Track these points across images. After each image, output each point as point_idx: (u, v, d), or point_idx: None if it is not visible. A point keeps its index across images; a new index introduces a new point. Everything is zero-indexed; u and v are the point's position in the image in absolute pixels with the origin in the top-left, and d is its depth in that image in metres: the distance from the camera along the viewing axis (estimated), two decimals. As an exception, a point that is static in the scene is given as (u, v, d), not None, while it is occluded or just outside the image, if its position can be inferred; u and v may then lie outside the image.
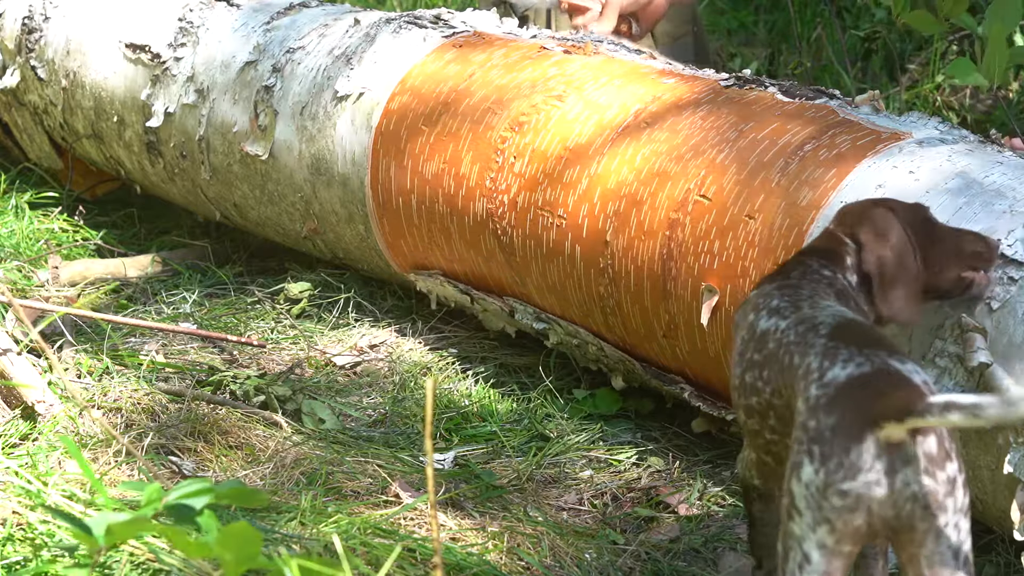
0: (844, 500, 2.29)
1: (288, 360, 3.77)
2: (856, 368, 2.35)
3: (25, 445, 3.18)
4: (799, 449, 2.33)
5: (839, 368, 2.37)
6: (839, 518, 2.29)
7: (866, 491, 2.28)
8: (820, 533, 2.31)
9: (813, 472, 2.30)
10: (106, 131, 4.39)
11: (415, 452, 3.36)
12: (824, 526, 2.30)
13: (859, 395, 2.32)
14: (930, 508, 2.29)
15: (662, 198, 3.28)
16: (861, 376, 2.34)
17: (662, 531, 3.15)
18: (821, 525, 2.30)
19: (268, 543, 2.84)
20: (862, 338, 2.43)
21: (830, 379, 2.36)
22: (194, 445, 3.28)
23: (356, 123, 3.81)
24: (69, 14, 4.45)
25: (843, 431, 2.30)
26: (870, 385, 2.33)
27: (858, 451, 2.28)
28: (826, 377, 2.37)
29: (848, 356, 2.38)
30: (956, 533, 2.31)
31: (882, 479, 2.28)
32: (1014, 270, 2.82)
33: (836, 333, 2.44)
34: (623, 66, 3.60)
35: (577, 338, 3.53)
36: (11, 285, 4.10)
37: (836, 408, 2.33)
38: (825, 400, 2.34)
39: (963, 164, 3.03)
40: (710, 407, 3.33)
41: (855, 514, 2.29)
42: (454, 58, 3.75)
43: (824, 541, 2.31)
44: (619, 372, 3.52)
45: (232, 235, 4.43)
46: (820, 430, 2.32)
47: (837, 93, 3.36)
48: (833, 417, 2.32)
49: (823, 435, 2.31)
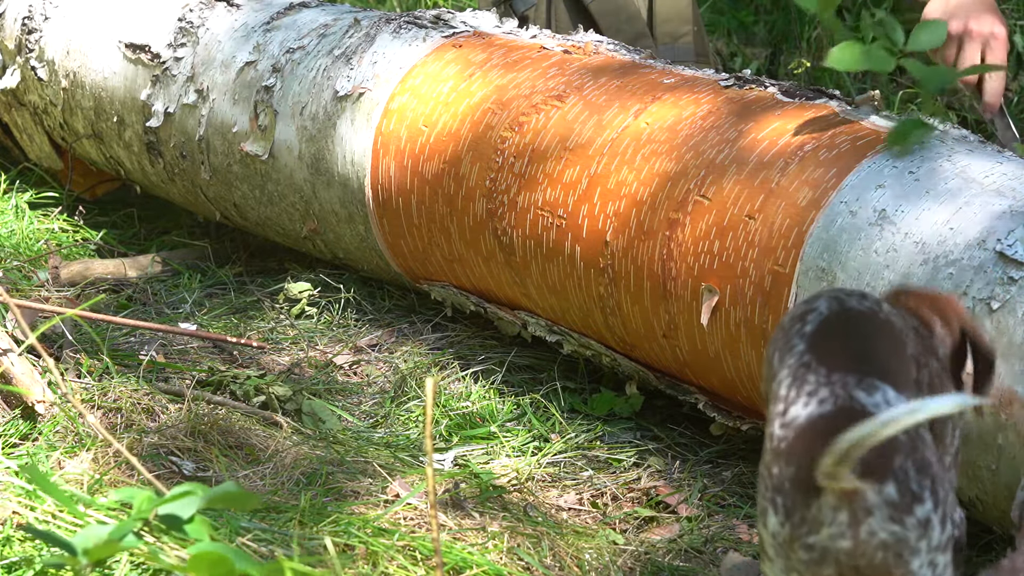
0: (810, 554, 2.21)
1: (288, 360, 3.77)
2: (817, 406, 2.23)
3: (25, 445, 3.18)
4: (764, 494, 2.26)
5: (801, 405, 2.25)
6: (808, 570, 2.22)
7: (831, 543, 2.20)
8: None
9: (778, 524, 2.23)
10: (106, 131, 4.39)
11: (415, 452, 3.36)
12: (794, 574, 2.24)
13: (817, 443, 2.19)
14: (903, 555, 2.20)
15: (662, 198, 3.28)
16: (821, 418, 2.22)
17: (662, 531, 3.15)
18: (792, 573, 2.24)
19: (268, 543, 2.84)
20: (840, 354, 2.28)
21: (791, 419, 2.25)
22: (194, 445, 3.28)
23: (356, 123, 3.81)
24: (69, 14, 4.45)
25: (801, 483, 2.20)
26: (829, 430, 2.18)
27: (817, 505, 2.19)
28: (788, 414, 2.26)
29: (814, 386, 2.25)
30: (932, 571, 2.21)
31: (845, 531, 2.19)
32: (1014, 270, 2.82)
33: (815, 340, 2.31)
34: (623, 66, 3.60)
35: (590, 349, 3.53)
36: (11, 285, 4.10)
37: (794, 458, 2.22)
38: (785, 446, 2.24)
39: (963, 164, 3.03)
40: (725, 417, 3.33)
41: (823, 566, 2.21)
42: (454, 58, 3.75)
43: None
44: (634, 380, 3.53)
45: (232, 235, 4.43)
46: (781, 480, 2.23)
47: (837, 93, 3.36)
48: (791, 468, 2.22)
49: (784, 487, 2.23)
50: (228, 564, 2.16)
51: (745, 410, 3.31)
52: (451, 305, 3.84)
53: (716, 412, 3.34)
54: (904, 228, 2.97)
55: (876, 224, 2.99)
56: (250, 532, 2.84)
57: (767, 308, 3.10)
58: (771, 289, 3.09)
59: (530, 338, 3.65)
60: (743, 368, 3.18)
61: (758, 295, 3.11)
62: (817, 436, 2.20)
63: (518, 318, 3.66)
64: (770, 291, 3.09)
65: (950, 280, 2.87)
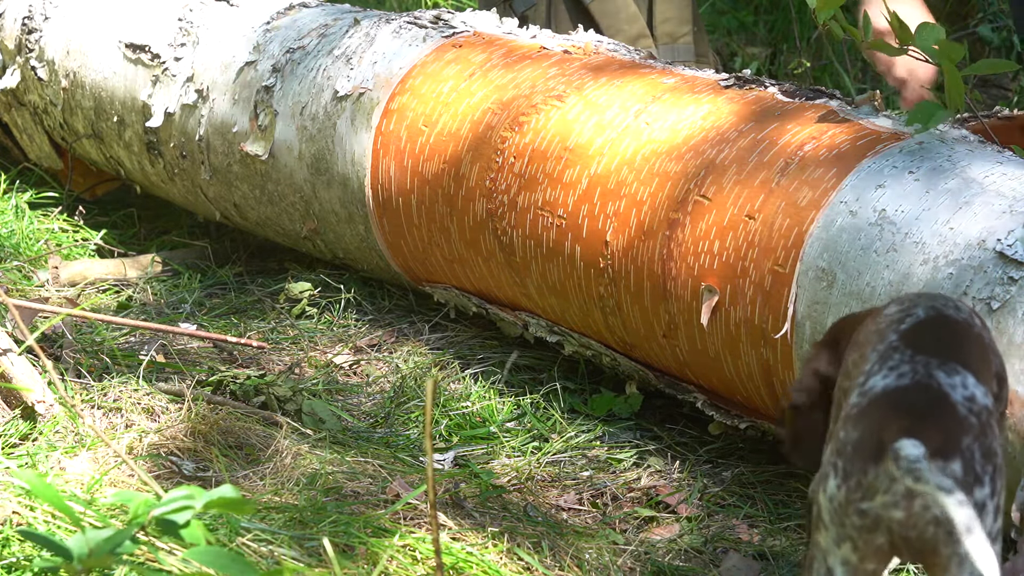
0: (863, 520, 2.22)
1: (288, 360, 3.77)
2: (896, 379, 2.28)
3: (25, 445, 3.18)
4: (828, 460, 2.28)
5: (881, 377, 2.30)
6: (860, 537, 2.23)
7: (884, 512, 2.21)
8: (844, 550, 2.25)
9: (836, 487, 2.24)
10: (106, 131, 4.39)
11: (415, 452, 3.36)
12: (847, 543, 2.24)
13: (886, 411, 2.25)
14: (954, 533, 2.17)
15: (662, 198, 3.28)
16: (896, 390, 2.27)
17: (662, 531, 3.15)
18: (845, 542, 2.24)
19: (268, 543, 2.84)
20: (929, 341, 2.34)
21: (868, 388, 2.30)
22: (194, 445, 3.28)
23: (356, 123, 3.81)
24: (69, 14, 4.45)
25: (863, 448, 2.23)
26: (901, 402, 2.26)
27: (875, 471, 2.21)
28: (867, 384, 2.30)
29: (897, 363, 2.30)
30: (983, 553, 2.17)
31: (900, 501, 2.20)
32: (1014, 270, 2.82)
33: (908, 333, 2.36)
34: (623, 66, 3.60)
35: (591, 349, 3.53)
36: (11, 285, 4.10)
37: (862, 422, 2.26)
38: (856, 411, 2.28)
39: (963, 164, 3.03)
40: (724, 416, 3.33)
41: (875, 534, 2.22)
42: (454, 58, 3.75)
43: (848, 558, 2.25)
44: (634, 380, 3.53)
45: (232, 235, 4.43)
46: (844, 443, 2.26)
47: (837, 93, 3.36)
48: (857, 432, 2.25)
49: (846, 449, 2.25)
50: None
51: (744, 409, 3.31)
52: (454, 307, 3.84)
53: (715, 411, 3.34)
54: (904, 228, 2.97)
55: (876, 224, 2.99)
56: (250, 532, 2.84)
57: (767, 308, 3.10)
58: (771, 289, 3.09)
59: (532, 339, 3.65)
60: (743, 368, 3.18)
61: (758, 295, 3.11)
62: (889, 405, 2.25)
63: (519, 319, 3.66)
64: (770, 291, 3.09)
65: (950, 280, 2.87)
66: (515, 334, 3.71)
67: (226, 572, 2.29)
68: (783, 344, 3.07)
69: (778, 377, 3.12)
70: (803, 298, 3.04)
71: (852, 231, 3.01)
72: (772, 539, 3.11)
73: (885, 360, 2.32)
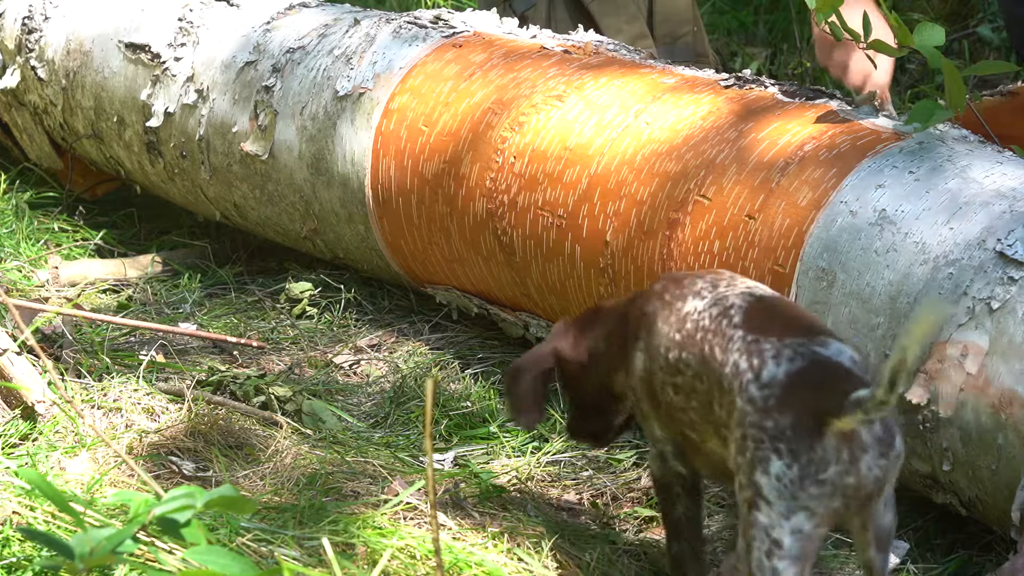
0: (822, 488, 2.43)
1: (288, 360, 3.77)
2: (790, 364, 2.50)
3: (25, 445, 3.18)
4: (761, 446, 2.46)
5: (773, 367, 2.50)
6: (819, 504, 2.44)
7: (839, 479, 2.44)
8: (796, 520, 2.44)
9: (785, 467, 2.44)
10: (106, 131, 4.39)
11: (415, 452, 3.36)
12: (802, 513, 2.44)
13: (804, 393, 2.47)
14: (882, 483, 2.49)
15: (662, 198, 3.28)
16: (799, 372, 2.49)
17: (662, 531, 3.14)
18: (797, 513, 2.44)
19: (267, 543, 2.84)
20: (777, 325, 2.57)
21: (769, 379, 2.50)
22: (194, 445, 3.28)
23: (356, 123, 3.81)
24: (69, 14, 4.45)
25: (802, 429, 2.44)
26: (810, 381, 2.49)
27: (822, 446, 2.44)
28: (763, 377, 2.50)
29: (775, 351, 2.52)
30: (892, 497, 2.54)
31: (849, 468, 2.45)
32: (1014, 270, 2.82)
33: (749, 322, 2.58)
34: (623, 66, 3.60)
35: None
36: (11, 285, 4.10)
37: (788, 408, 2.46)
38: (774, 401, 2.48)
39: (963, 164, 3.03)
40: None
41: (834, 499, 2.44)
42: (454, 58, 3.75)
43: (800, 526, 2.44)
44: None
45: (232, 235, 4.43)
46: (781, 429, 2.45)
47: (837, 93, 3.36)
48: (788, 417, 2.45)
49: (785, 434, 2.45)
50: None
51: (745, 410, 3.31)
52: (456, 308, 3.84)
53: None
54: (904, 228, 2.97)
55: (876, 224, 2.99)
56: (250, 532, 2.84)
57: (767, 308, 3.09)
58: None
59: (534, 339, 3.65)
60: (743, 368, 3.18)
61: (758, 295, 3.11)
62: (802, 387, 2.48)
63: (520, 319, 3.66)
64: (770, 291, 3.09)
65: (950, 280, 2.87)
66: (517, 334, 3.71)
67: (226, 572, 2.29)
68: (783, 344, 3.07)
69: (778, 377, 3.12)
70: (803, 298, 3.04)
71: (852, 231, 3.01)
72: (772, 539, 3.11)
73: (759, 353, 2.52)
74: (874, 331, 2.94)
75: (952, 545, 3.05)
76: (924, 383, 2.87)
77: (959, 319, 2.84)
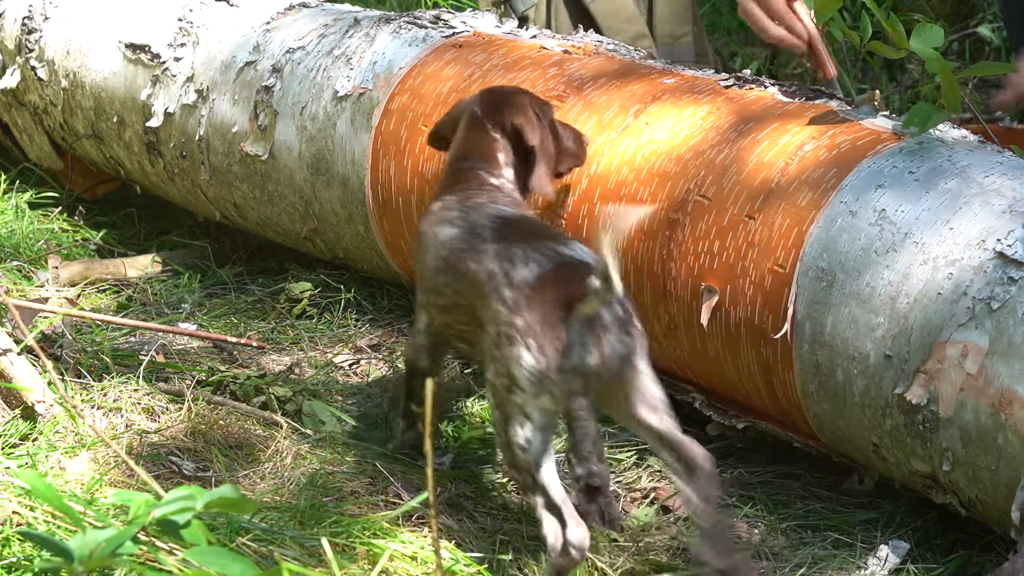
0: (564, 375, 2.75)
1: (288, 360, 3.77)
2: (538, 266, 2.84)
3: (25, 445, 3.18)
4: (514, 342, 2.78)
5: (523, 269, 2.84)
6: (561, 389, 2.76)
7: (581, 363, 2.75)
8: (543, 400, 2.78)
9: (534, 360, 2.77)
10: (106, 131, 4.39)
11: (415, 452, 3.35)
12: (547, 395, 2.78)
13: (551, 290, 2.80)
14: (631, 359, 2.80)
15: (662, 198, 3.28)
16: (547, 273, 2.83)
17: (662, 531, 3.15)
18: (544, 394, 2.78)
19: (267, 543, 2.84)
20: (524, 233, 2.93)
21: (520, 281, 2.83)
22: (194, 445, 3.28)
23: (356, 123, 3.81)
24: (69, 14, 4.46)
25: (549, 323, 2.77)
26: (555, 277, 2.82)
27: (566, 335, 2.75)
28: (516, 279, 2.84)
29: (524, 256, 2.86)
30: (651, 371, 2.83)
31: (592, 350, 2.75)
32: (1014, 270, 2.82)
33: (500, 235, 2.93)
34: (623, 66, 3.60)
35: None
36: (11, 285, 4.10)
37: (536, 305, 2.79)
38: (524, 300, 2.81)
39: (963, 164, 3.03)
40: (721, 416, 3.33)
41: (575, 382, 2.76)
42: (454, 58, 3.75)
43: (547, 405, 2.79)
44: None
45: (232, 235, 4.43)
46: (530, 325, 2.78)
47: (837, 93, 3.36)
48: (537, 313, 2.78)
49: (534, 329, 2.77)
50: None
51: (744, 410, 3.31)
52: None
53: (712, 411, 3.34)
54: (904, 228, 2.97)
55: (876, 224, 2.99)
56: (250, 532, 2.84)
57: (767, 308, 3.10)
58: (771, 289, 3.09)
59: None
60: (743, 368, 3.18)
61: (758, 295, 3.11)
62: (550, 284, 2.81)
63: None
64: (770, 291, 3.09)
65: (950, 280, 2.87)
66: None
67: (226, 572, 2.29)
68: (783, 344, 3.07)
69: (778, 377, 3.12)
70: (803, 298, 3.04)
71: (852, 231, 3.01)
72: (772, 539, 3.11)
73: (511, 259, 2.86)
74: (874, 331, 2.94)
75: (952, 545, 3.05)
76: (924, 383, 2.87)
77: (959, 319, 2.84)
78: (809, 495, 3.26)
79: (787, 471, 3.32)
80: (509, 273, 2.85)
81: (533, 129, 3.22)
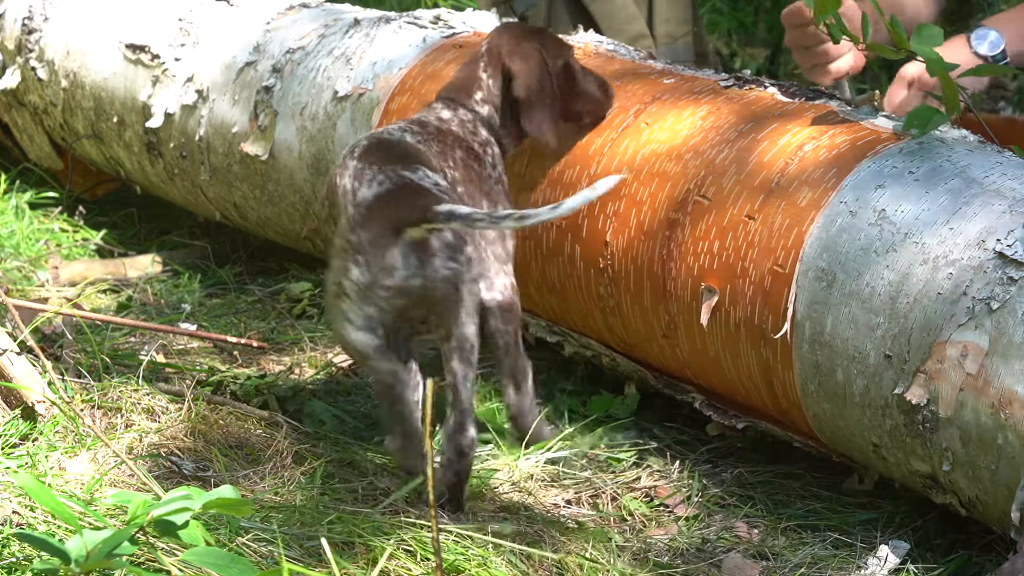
0: (387, 292, 2.97)
1: (288, 360, 3.77)
2: (379, 187, 3.02)
3: (25, 445, 3.18)
4: (347, 256, 2.99)
5: (367, 188, 3.02)
6: (385, 303, 2.98)
7: (404, 283, 2.97)
8: (367, 310, 2.99)
9: (360, 274, 2.97)
10: (106, 131, 4.39)
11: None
12: (371, 307, 2.99)
13: (385, 210, 2.99)
14: (455, 283, 3.00)
15: (662, 198, 3.28)
16: (385, 193, 3.01)
17: (661, 531, 3.15)
18: (368, 306, 2.99)
19: (267, 543, 2.84)
20: (385, 155, 3.08)
21: (361, 199, 3.02)
22: (194, 445, 3.28)
23: (356, 123, 3.81)
24: (69, 14, 4.46)
25: (378, 241, 2.96)
26: (392, 200, 3.00)
27: (392, 255, 2.96)
28: (359, 197, 3.02)
29: (372, 176, 3.04)
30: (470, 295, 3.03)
31: (415, 272, 2.97)
32: (1014, 270, 2.82)
33: (364, 154, 3.09)
34: (623, 66, 3.60)
35: (590, 349, 3.53)
36: (11, 285, 4.10)
37: (369, 224, 2.98)
38: (360, 218, 2.99)
39: (963, 164, 3.03)
40: (721, 416, 3.33)
41: (399, 298, 2.98)
42: (454, 58, 3.75)
43: (371, 314, 3.00)
44: (633, 381, 3.53)
45: (232, 235, 4.43)
46: (361, 243, 2.97)
47: (837, 93, 3.36)
48: (368, 232, 2.97)
49: (364, 246, 2.97)
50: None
51: (743, 409, 3.31)
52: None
53: (712, 411, 3.34)
54: (904, 228, 2.97)
55: (876, 224, 2.99)
56: (250, 532, 2.84)
57: (767, 308, 3.10)
58: (771, 289, 3.09)
59: (533, 340, 3.65)
60: (743, 368, 3.18)
61: (758, 295, 3.11)
62: (386, 205, 3.00)
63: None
64: (770, 291, 3.09)
65: (950, 280, 2.87)
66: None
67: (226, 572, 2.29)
68: (783, 344, 3.07)
69: (778, 377, 3.12)
70: (803, 298, 3.04)
71: (852, 231, 3.01)
72: (772, 539, 3.11)
73: (361, 177, 3.04)
74: (874, 331, 2.94)
75: (952, 545, 3.05)
76: (924, 383, 2.87)
77: (959, 319, 2.84)
78: (809, 495, 3.26)
79: (787, 471, 3.32)
80: (356, 191, 3.03)
81: (529, 74, 3.31)
